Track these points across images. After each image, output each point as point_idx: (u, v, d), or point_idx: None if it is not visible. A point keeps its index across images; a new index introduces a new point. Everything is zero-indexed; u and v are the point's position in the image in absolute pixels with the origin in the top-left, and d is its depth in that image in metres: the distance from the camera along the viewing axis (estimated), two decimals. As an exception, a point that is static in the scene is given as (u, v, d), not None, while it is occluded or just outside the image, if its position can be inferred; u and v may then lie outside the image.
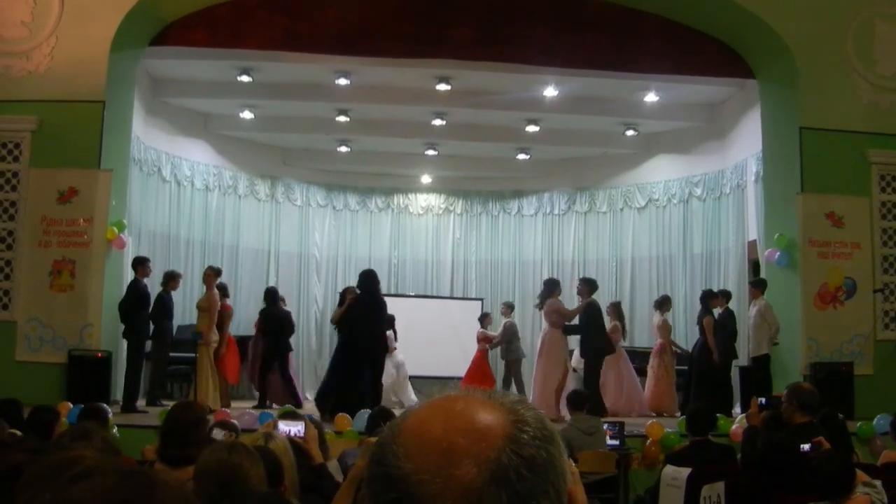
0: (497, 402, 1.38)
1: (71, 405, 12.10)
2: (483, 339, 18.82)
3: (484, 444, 1.30)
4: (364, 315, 14.46)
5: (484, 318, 19.58)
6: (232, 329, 17.18)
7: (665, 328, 17.02)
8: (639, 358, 17.87)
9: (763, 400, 9.24)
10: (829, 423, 8.66)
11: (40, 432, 6.48)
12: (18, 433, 5.97)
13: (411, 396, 17.74)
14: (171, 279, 15.44)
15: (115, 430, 10.97)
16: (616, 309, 17.64)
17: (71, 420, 11.21)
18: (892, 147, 15.38)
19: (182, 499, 1.38)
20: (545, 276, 21.86)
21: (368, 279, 14.78)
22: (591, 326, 15.91)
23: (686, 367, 16.72)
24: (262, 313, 17.19)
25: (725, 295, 16.32)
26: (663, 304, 17.40)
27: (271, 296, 17.13)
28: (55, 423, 7.45)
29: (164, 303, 15.24)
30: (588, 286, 16.28)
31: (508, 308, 19.50)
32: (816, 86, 15.40)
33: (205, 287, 15.67)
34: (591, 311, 15.99)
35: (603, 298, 17.79)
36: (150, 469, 1.41)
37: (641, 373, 17.53)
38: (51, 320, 14.19)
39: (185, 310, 17.10)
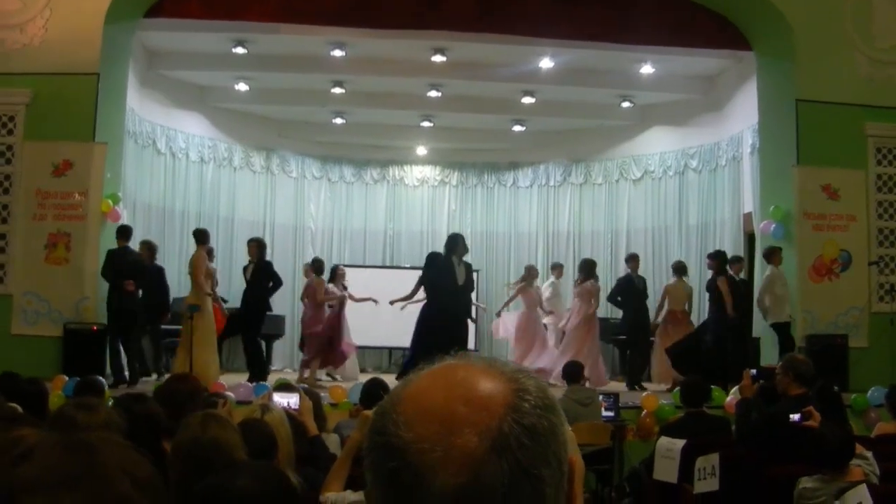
0: (498, 370, 1.37)
1: (67, 378, 12.10)
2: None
3: (485, 413, 1.29)
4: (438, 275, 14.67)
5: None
6: (230, 302, 17.19)
7: (689, 295, 16.61)
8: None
9: (755, 371, 9.25)
10: (824, 396, 8.70)
11: (30, 405, 6.48)
12: (19, 408, 5.96)
13: None
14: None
15: (110, 402, 10.96)
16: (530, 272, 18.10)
17: (67, 393, 11.22)
18: (889, 120, 15.38)
19: (125, 460, 1.37)
20: (541, 248, 22.02)
21: (447, 242, 15.12)
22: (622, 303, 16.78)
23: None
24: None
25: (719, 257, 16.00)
26: (682, 269, 16.81)
27: (263, 246, 16.19)
28: (45, 395, 7.45)
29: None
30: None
31: None
32: (813, 58, 15.38)
33: None
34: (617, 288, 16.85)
35: (600, 271, 17.85)
36: (92, 436, 1.39)
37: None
38: (46, 293, 14.19)
39: (180, 284, 17.03)
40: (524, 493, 1.28)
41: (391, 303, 17.12)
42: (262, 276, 15.42)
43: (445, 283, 14.54)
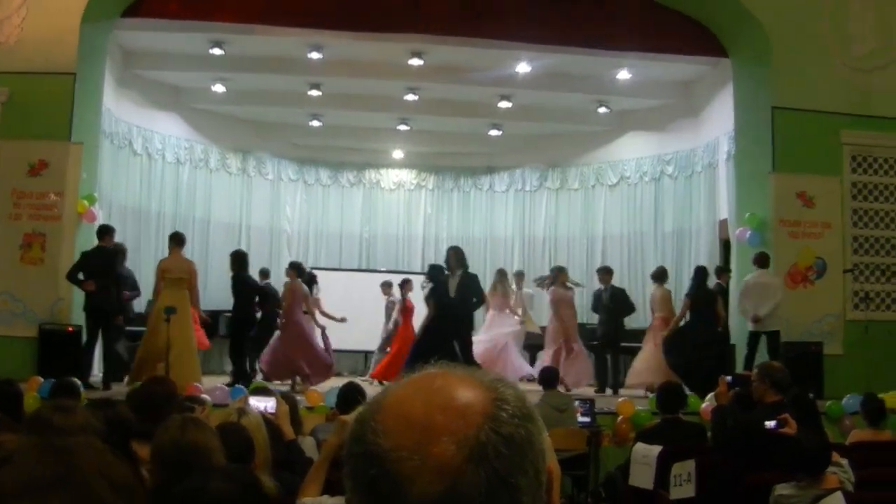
0: (477, 379, 1.37)
1: (42, 379, 12.04)
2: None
3: (463, 422, 1.30)
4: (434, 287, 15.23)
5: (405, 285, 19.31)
6: (204, 304, 17.11)
7: (668, 299, 16.54)
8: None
9: (730, 378, 9.29)
10: (800, 403, 8.72)
11: (5, 406, 6.44)
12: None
13: None
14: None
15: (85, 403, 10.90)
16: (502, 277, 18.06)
17: (42, 394, 11.16)
18: (865, 128, 15.46)
19: (102, 464, 1.37)
20: (517, 253, 22.06)
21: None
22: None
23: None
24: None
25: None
26: (662, 275, 16.83)
27: (238, 260, 15.64)
28: (20, 396, 7.41)
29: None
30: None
31: (388, 287, 19.25)
32: (790, 65, 15.44)
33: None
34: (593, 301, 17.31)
35: (575, 275, 17.93)
36: (70, 440, 1.39)
37: (634, 351, 17.39)
38: (22, 294, 14.12)
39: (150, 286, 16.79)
40: (501, 502, 1.28)
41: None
42: (239, 291, 15.31)
43: (438, 294, 15.08)
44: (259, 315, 16.08)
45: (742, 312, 14.80)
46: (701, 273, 15.71)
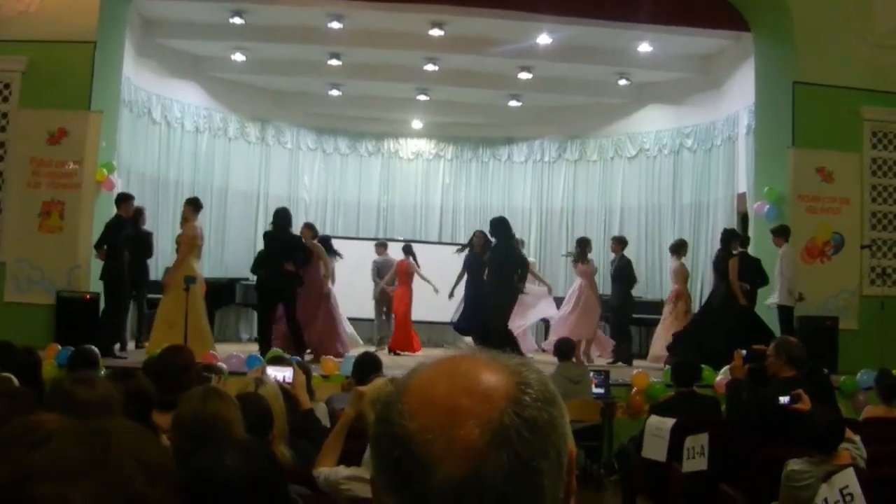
0: (501, 363, 1.38)
1: (59, 347, 12.10)
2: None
3: (487, 405, 1.31)
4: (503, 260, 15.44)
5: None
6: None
7: (682, 273, 16.77)
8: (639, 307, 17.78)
9: (745, 352, 9.28)
10: (814, 379, 8.72)
11: (24, 375, 6.48)
12: (13, 377, 5.96)
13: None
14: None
15: (102, 372, 10.95)
16: None
17: (60, 362, 11.22)
18: (886, 104, 15.35)
19: (139, 450, 1.38)
20: (534, 224, 22.03)
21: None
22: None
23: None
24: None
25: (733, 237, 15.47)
26: (679, 248, 16.99)
27: (277, 216, 15.44)
28: (39, 365, 7.45)
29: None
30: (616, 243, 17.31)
31: (384, 248, 19.28)
32: (811, 40, 15.33)
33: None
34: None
35: (593, 247, 17.84)
36: (108, 423, 1.39)
37: (649, 323, 17.43)
38: (39, 261, 14.15)
39: (168, 254, 16.75)
40: (523, 485, 1.30)
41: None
42: (270, 249, 15.15)
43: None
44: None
45: (793, 290, 14.47)
46: (725, 237, 15.29)
